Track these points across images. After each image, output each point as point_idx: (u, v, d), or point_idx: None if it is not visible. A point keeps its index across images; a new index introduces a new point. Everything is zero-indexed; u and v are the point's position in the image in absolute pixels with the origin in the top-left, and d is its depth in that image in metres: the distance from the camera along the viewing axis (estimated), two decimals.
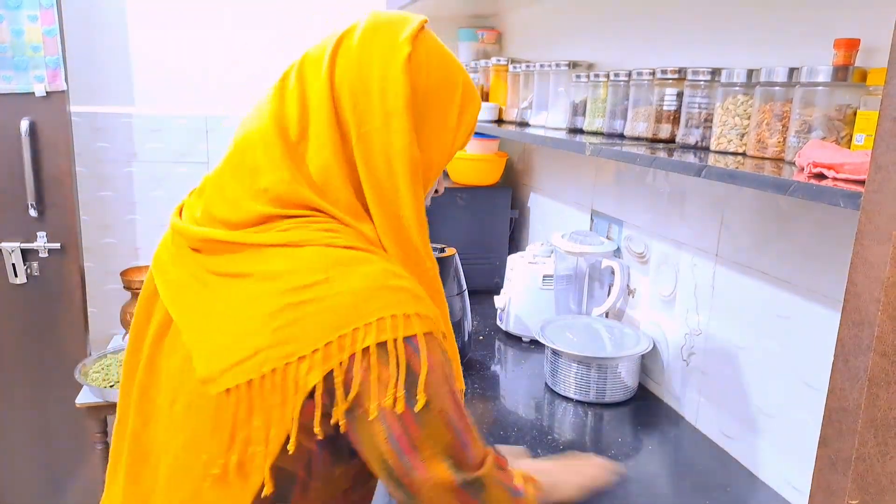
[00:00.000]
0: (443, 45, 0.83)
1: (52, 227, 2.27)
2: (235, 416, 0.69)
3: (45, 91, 2.16)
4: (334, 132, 0.75)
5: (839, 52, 0.92)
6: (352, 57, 0.76)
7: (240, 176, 0.77)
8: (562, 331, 1.48)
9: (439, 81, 0.79)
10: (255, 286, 0.70)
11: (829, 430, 0.61)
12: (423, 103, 0.77)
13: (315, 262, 0.70)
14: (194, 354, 0.72)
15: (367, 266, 0.71)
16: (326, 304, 0.68)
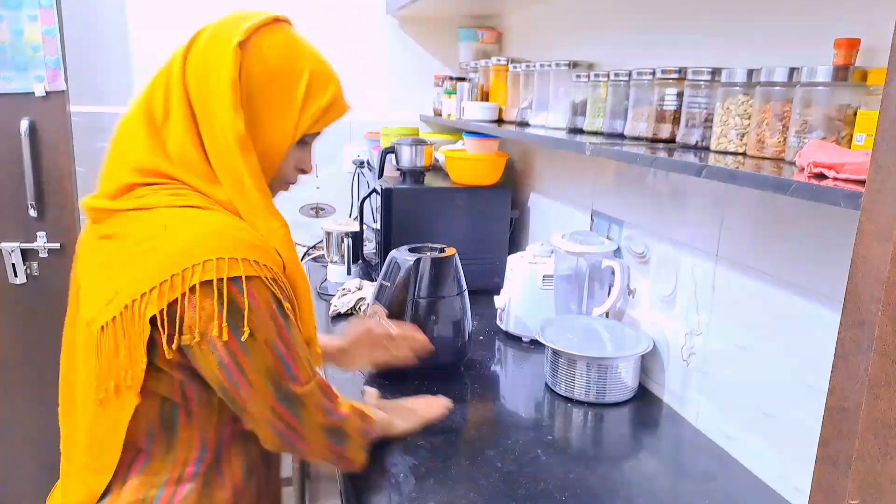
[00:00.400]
0: (297, 39, 0.97)
1: (52, 227, 2.27)
2: (108, 348, 0.86)
3: (44, 91, 2.16)
4: (186, 111, 0.91)
5: (839, 52, 0.92)
6: (200, 47, 0.94)
7: (115, 154, 0.97)
8: (562, 331, 1.48)
9: (277, 69, 0.93)
10: (116, 244, 0.89)
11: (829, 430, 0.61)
12: (259, 86, 0.92)
13: (157, 219, 0.87)
14: (81, 303, 0.93)
15: (203, 219, 0.87)
16: (163, 250, 0.84)
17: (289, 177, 1.02)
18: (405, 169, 2.11)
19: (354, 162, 2.54)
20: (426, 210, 2.03)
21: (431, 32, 2.61)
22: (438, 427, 1.28)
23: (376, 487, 1.08)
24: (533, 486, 1.09)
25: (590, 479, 1.12)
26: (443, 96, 2.40)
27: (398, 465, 1.14)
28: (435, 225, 2.03)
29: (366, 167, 2.46)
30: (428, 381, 1.45)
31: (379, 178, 2.13)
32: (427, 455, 1.17)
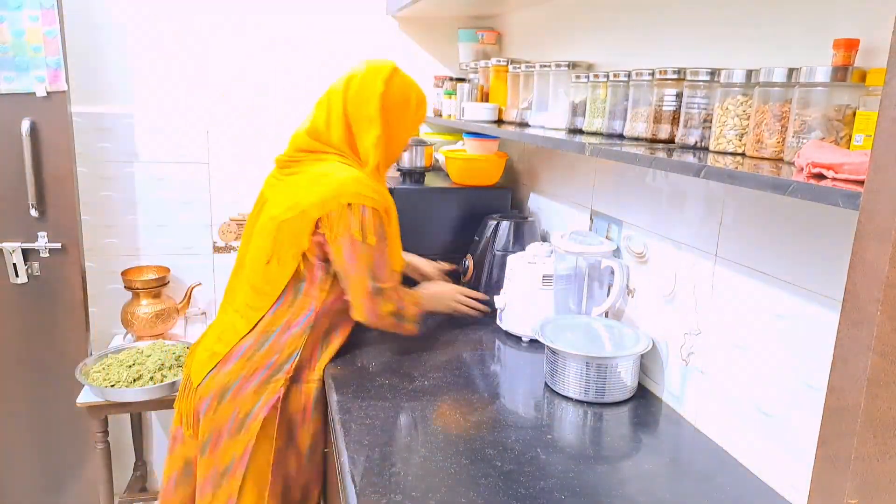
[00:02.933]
0: (406, 77, 1.58)
1: (53, 227, 2.27)
2: (287, 233, 1.46)
3: (45, 91, 2.16)
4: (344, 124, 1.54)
5: (838, 53, 0.92)
6: (354, 86, 1.54)
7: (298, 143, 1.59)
8: (561, 330, 1.49)
9: (401, 100, 1.55)
10: (299, 177, 1.53)
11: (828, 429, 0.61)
12: (392, 111, 1.54)
13: (325, 167, 1.51)
14: (267, 208, 1.53)
15: (349, 171, 1.49)
16: (327, 183, 1.46)
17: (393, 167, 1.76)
18: (405, 169, 2.11)
19: None
20: (426, 210, 2.03)
21: (431, 33, 2.61)
22: (438, 427, 1.28)
23: (377, 486, 1.08)
24: (533, 486, 1.09)
25: (589, 478, 1.12)
26: (443, 97, 2.40)
27: (399, 464, 1.15)
28: (435, 225, 2.03)
29: None
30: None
31: None
32: (427, 454, 1.18)
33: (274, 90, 2.49)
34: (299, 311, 1.49)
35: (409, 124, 1.58)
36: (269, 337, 1.49)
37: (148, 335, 2.36)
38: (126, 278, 2.37)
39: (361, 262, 1.43)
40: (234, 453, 1.45)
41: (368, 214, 1.42)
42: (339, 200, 1.41)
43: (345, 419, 1.30)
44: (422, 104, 1.59)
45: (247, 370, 1.47)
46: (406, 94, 1.55)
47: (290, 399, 1.50)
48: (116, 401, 2.03)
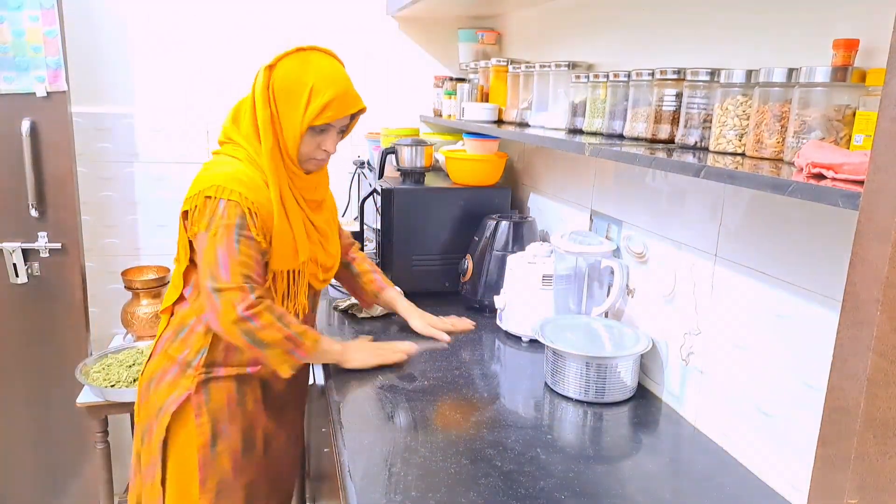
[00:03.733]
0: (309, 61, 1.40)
1: (53, 227, 2.27)
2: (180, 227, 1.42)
3: (46, 91, 2.16)
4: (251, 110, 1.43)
5: (838, 53, 0.92)
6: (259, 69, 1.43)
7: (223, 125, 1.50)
8: (561, 330, 1.49)
9: (290, 81, 1.39)
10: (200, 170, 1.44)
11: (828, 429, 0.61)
12: (279, 93, 1.39)
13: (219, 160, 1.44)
14: None
15: (232, 166, 1.39)
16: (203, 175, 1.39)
17: (314, 154, 1.45)
18: (405, 169, 2.11)
19: (355, 162, 2.54)
20: (426, 210, 2.03)
21: (431, 33, 2.61)
22: (438, 427, 1.28)
23: (377, 486, 1.08)
24: (533, 486, 1.09)
25: (589, 478, 1.12)
26: (443, 97, 2.40)
27: (399, 464, 1.15)
28: (435, 225, 2.03)
29: (366, 167, 2.46)
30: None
31: (379, 179, 2.13)
32: (427, 454, 1.18)
33: None
34: (202, 307, 1.39)
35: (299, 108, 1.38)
36: (181, 331, 1.44)
37: (148, 335, 2.36)
38: (126, 278, 2.37)
39: (204, 256, 1.32)
40: (158, 441, 1.43)
41: (224, 207, 1.32)
42: (202, 194, 1.34)
43: (345, 419, 1.30)
44: (320, 93, 1.37)
45: (165, 364, 1.45)
46: (298, 77, 1.38)
47: (210, 395, 1.43)
48: (116, 401, 2.03)
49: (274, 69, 1.40)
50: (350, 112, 1.43)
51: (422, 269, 2.05)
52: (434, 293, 2.03)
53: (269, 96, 1.39)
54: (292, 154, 1.42)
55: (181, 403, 1.41)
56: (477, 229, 1.99)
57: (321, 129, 1.42)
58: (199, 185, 1.36)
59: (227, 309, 1.31)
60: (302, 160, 1.44)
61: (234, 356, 1.44)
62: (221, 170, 1.38)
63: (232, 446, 1.44)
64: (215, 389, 1.43)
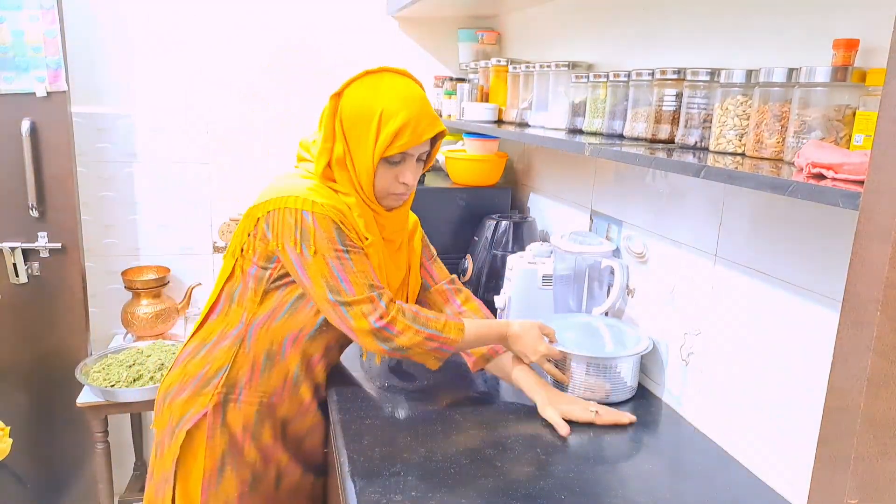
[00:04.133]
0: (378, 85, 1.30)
1: (53, 227, 2.27)
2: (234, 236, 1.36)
3: (46, 91, 2.16)
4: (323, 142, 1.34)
5: (838, 53, 0.92)
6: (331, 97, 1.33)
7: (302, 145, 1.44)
8: (561, 330, 1.49)
9: (358, 109, 1.28)
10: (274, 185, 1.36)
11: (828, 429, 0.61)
12: (348, 124, 1.29)
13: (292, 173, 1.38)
14: None
15: (305, 180, 1.33)
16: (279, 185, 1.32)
17: (390, 188, 1.33)
18: None
19: None
20: (426, 210, 2.03)
21: (431, 33, 2.61)
22: (438, 427, 1.28)
23: (377, 486, 1.08)
24: (533, 486, 1.09)
25: (589, 478, 1.12)
26: (443, 97, 2.40)
27: (399, 464, 1.15)
28: (435, 225, 2.03)
29: None
30: None
31: None
32: (427, 454, 1.18)
33: (274, 90, 2.49)
34: (233, 321, 1.35)
35: (370, 137, 1.27)
36: (205, 346, 1.37)
37: (148, 335, 2.36)
38: (126, 278, 2.37)
39: (312, 272, 1.25)
40: (171, 459, 1.35)
41: (311, 221, 1.24)
42: (278, 204, 1.26)
43: (344, 419, 1.30)
44: (391, 119, 1.26)
45: (184, 377, 1.37)
46: (367, 104, 1.27)
47: (227, 418, 1.34)
48: (116, 401, 2.03)
49: (341, 97, 1.30)
50: (426, 137, 1.29)
51: None
52: None
53: (338, 129, 1.30)
54: (367, 191, 1.31)
55: (197, 422, 1.33)
56: (477, 229, 1.99)
57: (397, 160, 1.30)
58: (276, 194, 1.28)
59: (359, 322, 1.24)
60: (380, 197, 1.33)
61: (258, 381, 1.35)
62: (298, 182, 1.30)
63: (241, 474, 1.36)
64: (233, 412, 1.35)
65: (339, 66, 2.53)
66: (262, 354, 1.35)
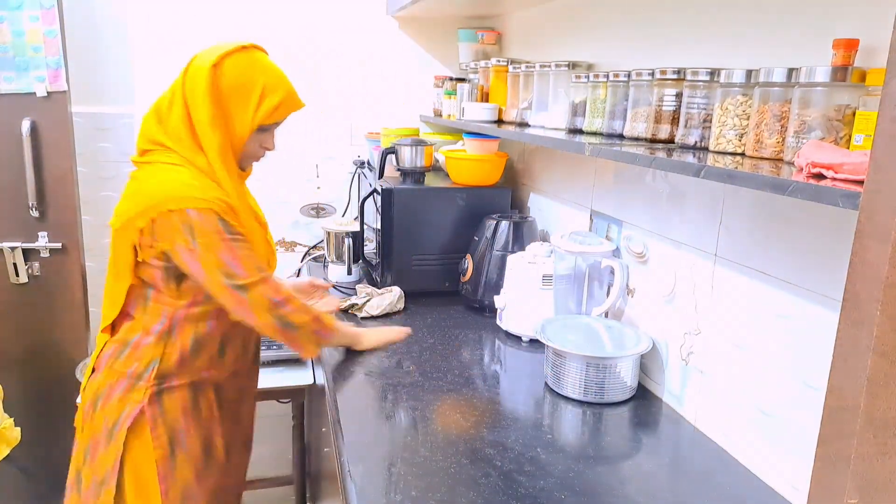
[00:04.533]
0: (257, 60, 1.42)
1: (54, 226, 2.27)
2: (116, 245, 1.39)
3: (46, 91, 2.16)
4: (182, 109, 1.38)
5: (838, 53, 0.92)
6: (192, 67, 1.39)
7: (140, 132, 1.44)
8: (562, 330, 1.49)
9: (238, 81, 1.38)
10: (133, 183, 1.40)
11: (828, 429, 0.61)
12: (226, 93, 1.37)
13: (154, 170, 1.37)
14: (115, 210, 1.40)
15: (176, 174, 1.35)
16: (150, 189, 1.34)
17: (255, 153, 1.47)
18: (406, 169, 2.11)
19: (355, 162, 2.54)
20: (426, 210, 2.03)
21: (431, 33, 2.61)
22: (438, 427, 1.28)
23: (377, 486, 1.08)
24: (533, 486, 1.09)
25: (589, 478, 1.13)
26: (443, 97, 2.40)
27: (399, 464, 1.15)
28: (435, 225, 2.03)
29: (366, 167, 2.46)
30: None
31: (379, 179, 2.14)
32: (427, 454, 1.18)
33: None
34: (153, 318, 1.39)
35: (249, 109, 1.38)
36: (128, 345, 1.39)
37: None
38: None
39: (205, 262, 1.30)
40: (107, 463, 1.38)
41: (196, 216, 1.29)
42: (159, 208, 1.29)
43: (344, 419, 1.30)
44: (273, 92, 1.40)
45: (112, 379, 1.39)
46: (249, 76, 1.38)
47: (164, 406, 1.39)
48: None
49: (220, 67, 1.37)
50: (296, 110, 1.46)
51: (422, 268, 2.05)
52: (434, 293, 2.03)
53: (216, 95, 1.36)
54: (237, 153, 1.42)
55: (135, 418, 1.36)
56: (477, 229, 1.99)
57: (266, 128, 1.44)
58: (153, 199, 1.31)
59: (258, 300, 1.32)
60: (243, 159, 1.45)
61: (188, 364, 1.41)
62: (173, 178, 1.34)
63: (192, 454, 1.42)
64: (169, 400, 1.39)
65: (338, 66, 2.53)
66: (190, 339, 1.40)
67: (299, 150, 2.54)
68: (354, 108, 2.57)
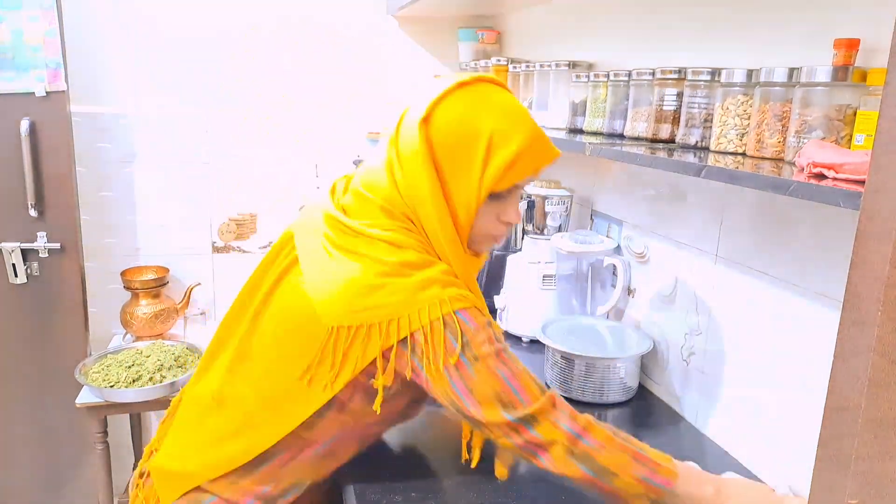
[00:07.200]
0: (477, 101, 1.00)
1: (53, 227, 2.27)
2: (326, 347, 0.95)
3: (45, 91, 2.16)
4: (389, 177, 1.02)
5: (839, 52, 0.92)
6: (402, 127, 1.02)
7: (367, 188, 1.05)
8: (562, 331, 1.49)
9: (456, 136, 0.98)
10: (364, 262, 0.96)
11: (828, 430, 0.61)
12: (443, 155, 0.98)
13: (403, 258, 0.97)
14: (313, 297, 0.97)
15: (428, 269, 0.97)
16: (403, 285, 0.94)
17: (491, 229, 1.05)
18: None
19: (355, 162, 2.54)
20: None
21: (431, 32, 2.61)
22: (438, 428, 1.28)
23: (377, 486, 1.08)
24: (533, 486, 1.09)
25: None
26: None
27: (399, 465, 1.15)
28: None
29: None
30: None
31: None
32: (427, 455, 1.17)
33: (273, 89, 2.49)
34: (319, 434, 1.03)
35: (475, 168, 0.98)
36: (268, 459, 1.03)
37: (147, 335, 2.36)
38: (125, 278, 2.36)
39: (479, 391, 0.94)
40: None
41: (468, 319, 0.95)
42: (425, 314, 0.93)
43: None
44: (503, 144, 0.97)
45: (228, 494, 1.04)
46: (467, 125, 0.98)
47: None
48: (116, 401, 2.03)
49: (430, 123, 0.99)
50: (544, 166, 1.03)
51: None
52: None
53: (433, 161, 0.98)
54: (464, 233, 1.02)
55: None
56: None
57: (503, 195, 1.02)
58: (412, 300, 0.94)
59: (551, 434, 0.93)
60: (474, 240, 1.05)
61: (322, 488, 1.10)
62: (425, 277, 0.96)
63: None
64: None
65: (338, 66, 2.53)
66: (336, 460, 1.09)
67: (299, 150, 2.54)
68: (354, 108, 2.57)
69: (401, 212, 1.01)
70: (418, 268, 0.97)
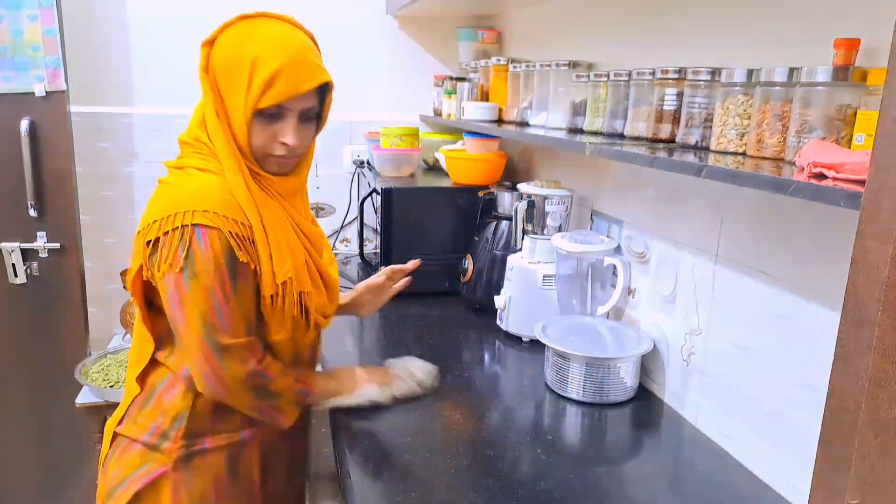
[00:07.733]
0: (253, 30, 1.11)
1: (52, 226, 2.27)
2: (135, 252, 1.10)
3: (44, 91, 2.16)
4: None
5: (839, 52, 0.92)
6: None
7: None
8: (562, 331, 1.48)
9: (230, 57, 1.10)
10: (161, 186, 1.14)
11: (829, 430, 0.61)
12: (219, 73, 1.12)
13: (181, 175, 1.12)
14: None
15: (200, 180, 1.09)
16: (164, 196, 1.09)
17: (269, 148, 1.13)
18: None
19: (354, 162, 2.54)
20: (426, 210, 2.02)
21: (431, 32, 2.61)
22: (438, 428, 1.28)
23: (377, 486, 1.08)
24: (533, 486, 1.09)
25: (590, 479, 1.12)
26: (443, 96, 2.40)
27: (399, 464, 1.15)
28: (435, 225, 2.03)
29: (366, 167, 2.46)
30: None
31: None
32: (427, 455, 1.17)
33: None
34: (181, 361, 1.12)
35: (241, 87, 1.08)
36: (154, 393, 1.13)
37: None
38: (125, 278, 2.36)
39: (189, 305, 1.03)
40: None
41: (205, 238, 1.02)
42: (168, 222, 1.03)
43: (344, 420, 1.30)
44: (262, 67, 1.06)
45: (134, 430, 1.13)
46: (241, 49, 1.09)
47: (193, 475, 1.12)
48: (115, 401, 2.02)
49: (214, 45, 1.12)
50: (306, 87, 1.09)
51: (421, 268, 2.04)
52: (434, 293, 2.03)
53: (210, 78, 1.13)
54: (245, 150, 1.11)
55: (151, 481, 1.10)
56: (477, 229, 1.98)
57: (273, 115, 1.10)
58: (163, 209, 1.05)
59: (235, 368, 1.05)
60: (259, 158, 1.13)
61: (223, 419, 1.14)
62: (192, 185, 1.09)
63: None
64: (199, 467, 1.12)
65: (338, 66, 2.52)
66: None
67: None
68: (354, 108, 2.57)
69: (195, 138, 1.15)
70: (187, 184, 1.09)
